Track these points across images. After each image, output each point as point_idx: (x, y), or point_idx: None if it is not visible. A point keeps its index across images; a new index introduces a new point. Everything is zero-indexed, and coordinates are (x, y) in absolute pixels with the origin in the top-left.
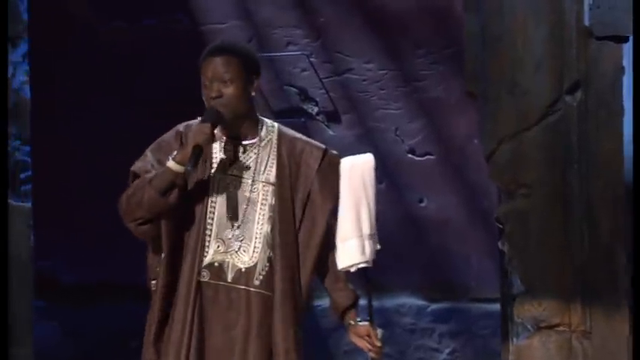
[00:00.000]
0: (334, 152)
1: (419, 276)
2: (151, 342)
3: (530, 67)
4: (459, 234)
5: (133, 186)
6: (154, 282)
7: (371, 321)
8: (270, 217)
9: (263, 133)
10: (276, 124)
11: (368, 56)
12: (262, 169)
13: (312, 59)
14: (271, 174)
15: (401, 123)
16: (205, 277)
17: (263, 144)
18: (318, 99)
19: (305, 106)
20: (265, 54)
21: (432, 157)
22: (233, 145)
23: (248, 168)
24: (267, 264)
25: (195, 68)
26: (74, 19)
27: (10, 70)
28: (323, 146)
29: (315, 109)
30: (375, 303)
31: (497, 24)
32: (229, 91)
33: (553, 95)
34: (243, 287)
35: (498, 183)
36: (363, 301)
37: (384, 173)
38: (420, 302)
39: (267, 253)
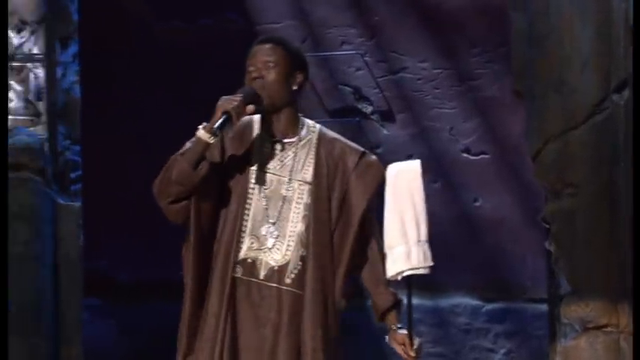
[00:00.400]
0: (373, 156)
1: (474, 276)
2: (184, 334)
3: (577, 66)
4: (514, 233)
5: (167, 164)
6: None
7: (409, 329)
8: (305, 216)
9: (303, 132)
10: (317, 125)
11: (422, 55)
12: (299, 167)
13: (366, 58)
14: (308, 173)
15: (456, 122)
16: (238, 272)
17: (302, 143)
18: (372, 98)
19: (359, 106)
20: (320, 53)
21: (486, 156)
22: (271, 143)
23: (285, 166)
24: (300, 263)
25: None
26: (128, 19)
27: (61, 70)
28: (361, 149)
29: (370, 109)
30: (430, 303)
31: (544, 22)
32: (270, 75)
33: (600, 94)
34: (274, 285)
35: (544, 182)
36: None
37: (438, 173)
38: (475, 302)
39: (300, 252)
